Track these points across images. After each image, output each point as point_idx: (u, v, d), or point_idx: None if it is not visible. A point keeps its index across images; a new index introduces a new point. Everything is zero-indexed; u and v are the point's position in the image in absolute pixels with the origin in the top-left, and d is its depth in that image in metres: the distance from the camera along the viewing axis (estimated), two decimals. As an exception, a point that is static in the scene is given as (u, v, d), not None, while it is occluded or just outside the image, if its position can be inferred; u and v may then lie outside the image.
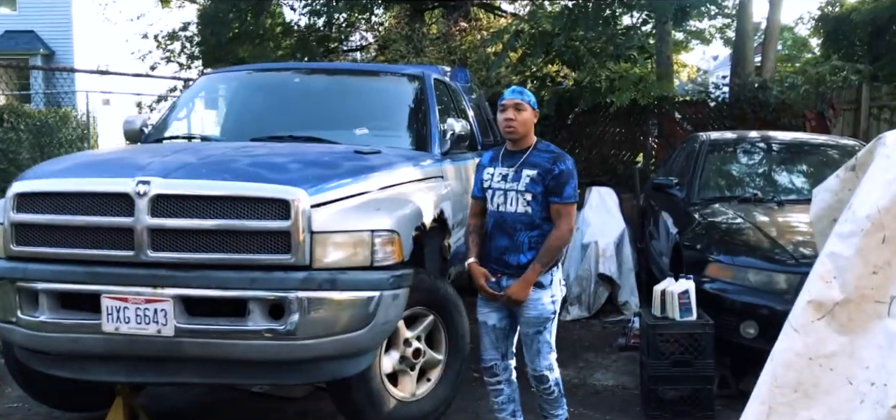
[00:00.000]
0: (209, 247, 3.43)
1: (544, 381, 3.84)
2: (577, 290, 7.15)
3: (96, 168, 3.71)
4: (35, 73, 23.57)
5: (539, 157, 3.72)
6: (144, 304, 3.40)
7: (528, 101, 3.73)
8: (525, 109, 3.71)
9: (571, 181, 3.69)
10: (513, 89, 3.82)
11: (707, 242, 5.15)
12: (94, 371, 3.60)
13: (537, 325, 3.75)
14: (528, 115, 3.74)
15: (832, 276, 2.89)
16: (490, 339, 3.87)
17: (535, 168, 3.68)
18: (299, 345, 3.44)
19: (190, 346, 3.43)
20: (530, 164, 3.70)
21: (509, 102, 3.72)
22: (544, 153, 3.74)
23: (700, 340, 4.49)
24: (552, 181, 3.65)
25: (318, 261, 3.47)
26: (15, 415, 4.67)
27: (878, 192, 2.85)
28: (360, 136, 4.90)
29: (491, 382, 3.93)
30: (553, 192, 3.66)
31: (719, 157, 6.65)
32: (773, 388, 2.94)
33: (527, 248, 3.69)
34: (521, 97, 3.72)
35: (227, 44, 15.16)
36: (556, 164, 3.67)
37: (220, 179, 3.48)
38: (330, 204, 3.56)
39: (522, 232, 3.69)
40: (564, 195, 3.67)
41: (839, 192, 3.25)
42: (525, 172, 3.69)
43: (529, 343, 3.80)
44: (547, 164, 3.68)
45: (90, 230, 3.49)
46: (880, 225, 2.80)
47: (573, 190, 3.70)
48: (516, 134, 3.73)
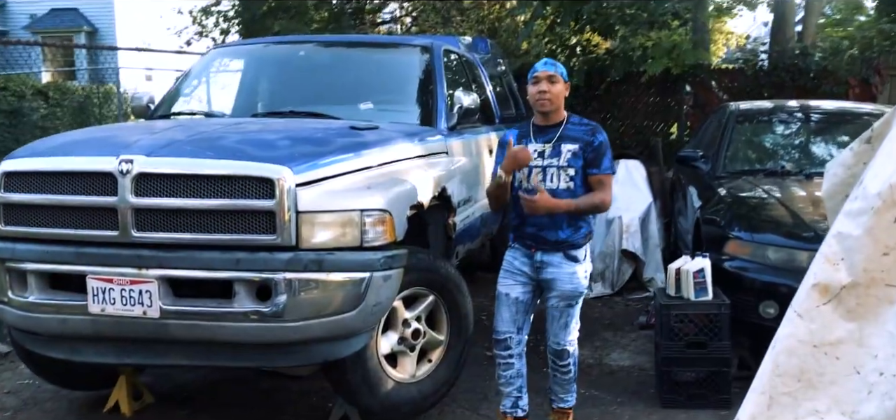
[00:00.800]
0: (194, 227, 3.35)
1: (565, 356, 3.81)
2: (600, 266, 6.95)
3: (82, 146, 3.65)
4: (79, 51, 23.97)
5: (576, 131, 3.67)
6: (129, 285, 3.34)
7: (560, 74, 3.68)
8: (558, 82, 3.64)
9: (609, 152, 3.69)
10: (545, 61, 3.73)
11: (727, 218, 4.92)
12: (84, 352, 3.56)
13: (570, 299, 3.72)
14: (561, 88, 3.68)
15: (839, 257, 2.68)
16: (510, 313, 3.79)
17: (575, 142, 3.63)
18: (286, 327, 3.35)
19: (176, 327, 3.37)
20: (569, 137, 3.65)
21: (542, 74, 3.63)
22: (580, 126, 3.70)
23: (715, 321, 4.28)
24: (592, 153, 3.62)
25: (306, 241, 3.37)
26: (25, 391, 4.70)
27: (892, 166, 2.62)
28: (364, 111, 4.78)
29: (502, 355, 3.84)
30: (592, 163, 3.62)
31: (748, 129, 6.37)
32: (774, 377, 2.75)
33: (566, 224, 3.65)
34: (555, 69, 3.66)
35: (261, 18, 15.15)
36: (595, 136, 3.64)
37: (205, 157, 3.38)
38: (317, 182, 3.44)
39: (565, 220, 3.64)
40: (603, 166, 3.64)
41: (853, 166, 3.02)
42: (565, 147, 3.63)
43: (557, 316, 3.76)
44: (586, 137, 3.63)
45: (76, 210, 3.43)
46: (893, 202, 2.58)
47: (610, 161, 3.69)
48: (550, 107, 3.66)
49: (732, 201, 5.13)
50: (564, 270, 3.68)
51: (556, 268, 3.69)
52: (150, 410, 4.39)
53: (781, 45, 10.61)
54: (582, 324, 5.57)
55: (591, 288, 6.91)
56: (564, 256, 3.68)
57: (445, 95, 4.91)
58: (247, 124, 4.10)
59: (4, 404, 4.52)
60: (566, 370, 3.86)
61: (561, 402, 4.01)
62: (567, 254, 3.69)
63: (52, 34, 26.87)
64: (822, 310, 2.70)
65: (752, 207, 5.04)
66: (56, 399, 4.54)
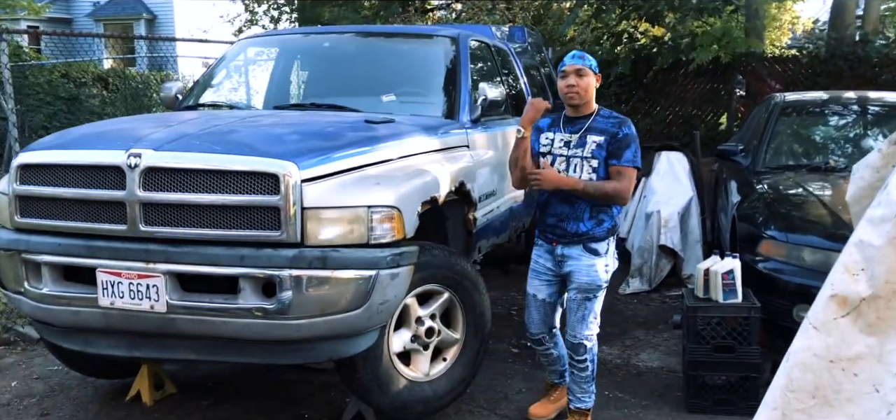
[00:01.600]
0: (201, 222, 3.33)
1: (581, 350, 3.78)
2: (638, 261, 6.78)
3: (95, 140, 3.66)
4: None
5: (603, 123, 3.65)
6: (137, 279, 3.35)
7: (589, 66, 3.67)
8: (587, 75, 3.64)
9: (632, 145, 3.61)
10: (573, 54, 3.71)
11: (762, 216, 4.72)
12: (96, 344, 3.59)
13: (587, 292, 3.70)
14: (590, 81, 3.66)
15: (859, 267, 2.51)
16: (539, 314, 3.88)
17: (601, 133, 3.62)
18: (290, 324, 3.31)
19: (182, 322, 3.36)
20: (595, 129, 3.64)
21: (570, 68, 3.65)
22: (608, 119, 3.68)
23: (744, 325, 4.11)
24: (615, 144, 3.60)
25: (311, 238, 3.32)
26: (54, 378, 4.78)
27: (918, 172, 2.44)
28: (386, 103, 4.71)
29: (540, 350, 4.02)
30: (613, 154, 3.60)
31: (794, 121, 6.11)
32: (787, 392, 2.59)
33: (587, 217, 3.66)
34: (583, 62, 3.66)
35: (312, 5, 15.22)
36: (620, 128, 3.62)
37: (212, 152, 3.35)
38: (324, 178, 3.39)
39: (582, 201, 3.63)
40: (624, 158, 3.59)
41: (882, 168, 2.83)
42: (591, 138, 3.63)
43: (575, 308, 3.74)
44: (612, 129, 3.62)
45: (87, 203, 3.44)
46: (916, 210, 2.40)
47: (633, 154, 3.61)
48: (578, 100, 3.67)
49: (769, 198, 4.93)
50: (583, 263, 3.67)
51: (576, 260, 3.69)
52: (172, 400, 4.42)
53: (840, 31, 10.20)
54: (614, 321, 5.49)
55: (628, 283, 6.76)
56: (584, 249, 3.68)
57: (469, 87, 4.80)
58: (261, 118, 4.06)
59: (33, 390, 4.61)
60: (582, 366, 3.82)
61: (578, 401, 3.93)
62: (587, 246, 3.69)
63: (113, 21, 27.60)
64: (840, 323, 2.54)
65: (789, 205, 4.82)
66: (82, 386, 4.61)
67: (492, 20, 11.39)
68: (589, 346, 3.79)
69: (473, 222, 4.44)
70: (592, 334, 3.80)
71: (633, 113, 10.48)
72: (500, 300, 6.36)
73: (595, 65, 3.70)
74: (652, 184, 7.24)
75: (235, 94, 5.03)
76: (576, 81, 3.62)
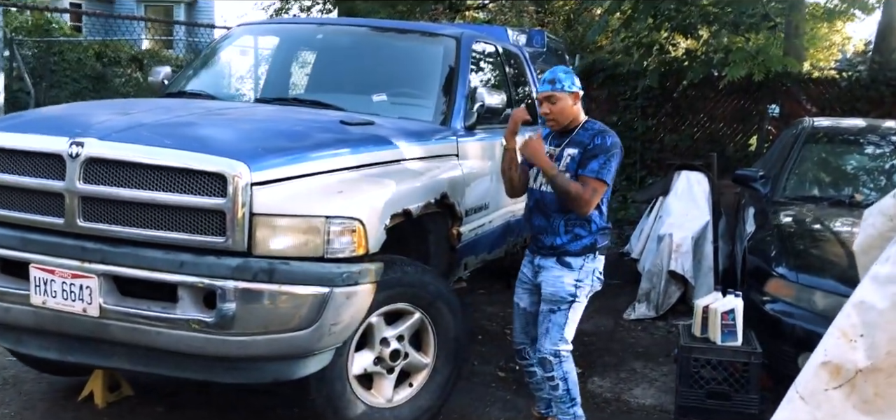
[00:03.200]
0: (142, 221, 3.05)
1: (547, 366, 3.61)
2: (646, 286, 6.39)
3: (44, 124, 3.40)
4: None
5: (582, 135, 3.58)
6: (71, 278, 3.08)
7: (561, 89, 3.56)
8: (560, 99, 3.56)
9: (601, 157, 3.46)
10: (544, 79, 3.62)
11: (772, 251, 4.33)
12: (28, 344, 3.33)
13: (551, 303, 3.58)
14: (565, 103, 3.58)
15: (858, 333, 2.15)
16: (520, 323, 3.82)
17: (576, 146, 3.55)
18: (231, 340, 3.01)
19: (116, 329, 3.08)
20: (573, 142, 3.58)
21: (541, 97, 3.62)
22: (588, 131, 3.59)
23: (743, 371, 3.74)
24: (584, 155, 3.50)
25: (260, 247, 3.02)
26: (11, 369, 4.54)
27: (932, 228, 2.07)
28: (376, 103, 4.40)
29: (523, 364, 3.90)
30: (581, 164, 3.50)
31: (821, 149, 5.69)
32: (765, 471, 2.25)
33: (563, 231, 3.56)
34: (553, 88, 3.56)
35: (346, 0, 14.99)
36: (593, 140, 3.52)
37: (160, 145, 3.07)
38: (280, 182, 3.09)
39: (557, 214, 3.55)
40: (588, 168, 3.46)
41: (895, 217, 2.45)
42: (567, 152, 3.57)
43: (541, 320, 3.64)
44: (586, 140, 3.54)
45: (25, 192, 3.19)
46: (929, 273, 2.04)
47: (599, 166, 3.45)
48: (556, 125, 3.64)
49: (783, 232, 4.52)
50: (552, 274, 3.57)
51: (547, 271, 3.61)
52: (126, 404, 4.16)
53: (885, 55, 9.66)
54: (612, 349, 5.16)
55: (634, 308, 6.39)
56: (557, 261, 3.57)
57: (466, 92, 4.48)
58: (231, 112, 3.78)
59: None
60: (553, 383, 3.65)
61: None
62: (560, 260, 3.56)
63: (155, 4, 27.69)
64: (831, 395, 2.18)
65: (804, 242, 4.42)
66: (36, 381, 4.37)
67: (520, 23, 11.04)
68: (555, 363, 3.59)
69: (458, 237, 4.13)
70: (560, 350, 3.59)
71: (660, 128, 10.07)
72: (496, 316, 6.04)
73: (570, 83, 3.58)
74: (668, 204, 6.84)
75: (223, 83, 4.75)
76: (549, 109, 3.58)
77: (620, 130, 10.06)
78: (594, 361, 5.25)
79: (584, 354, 5.39)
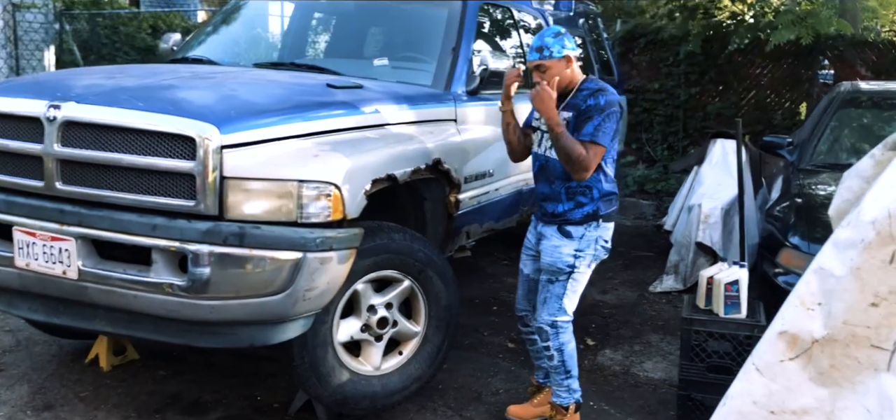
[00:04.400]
0: (117, 185, 3.06)
1: (544, 336, 3.54)
2: (675, 258, 6.21)
3: (27, 88, 3.43)
4: (231, -6, 24.86)
5: (577, 98, 3.43)
6: (50, 241, 3.11)
7: (548, 57, 3.38)
8: (549, 67, 3.39)
9: (596, 117, 3.30)
10: (530, 50, 3.44)
11: (787, 221, 4.12)
12: (18, 307, 3.38)
13: (549, 273, 3.50)
14: (556, 69, 3.39)
15: (816, 301, 2.00)
16: (523, 290, 3.76)
17: (571, 109, 3.42)
18: (202, 304, 2.99)
19: (94, 291, 3.09)
20: (569, 105, 3.44)
21: (530, 66, 3.46)
22: (583, 91, 3.44)
23: (746, 344, 3.56)
24: (579, 118, 3.36)
25: (232, 211, 2.99)
26: (24, 331, 4.66)
27: (895, 190, 1.91)
28: (377, 67, 4.33)
29: (523, 331, 3.83)
30: (577, 128, 3.35)
31: (857, 113, 5.38)
32: (719, 445, 2.13)
33: (564, 197, 3.46)
34: (540, 56, 3.40)
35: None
36: (587, 100, 3.37)
37: (133, 108, 3.07)
38: (252, 145, 3.05)
39: (559, 181, 3.45)
40: (583, 131, 3.31)
41: (873, 178, 2.27)
42: (564, 115, 3.41)
43: (540, 290, 3.57)
44: (581, 103, 3.39)
45: (8, 155, 3.23)
46: (889, 237, 1.87)
47: (594, 128, 3.29)
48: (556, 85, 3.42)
49: (801, 201, 4.29)
50: (551, 243, 3.49)
51: (548, 240, 3.52)
52: (130, 367, 4.24)
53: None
54: (631, 322, 5.03)
55: (662, 280, 6.21)
56: (558, 230, 3.49)
57: (469, 56, 4.37)
58: (218, 76, 3.74)
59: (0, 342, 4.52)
60: (549, 354, 3.56)
61: (555, 395, 3.67)
62: (561, 228, 3.47)
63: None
64: (787, 367, 2.04)
65: (822, 212, 4.18)
66: (47, 344, 4.49)
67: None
68: (551, 333, 3.51)
69: (456, 205, 4.05)
70: (557, 321, 3.50)
71: (704, 96, 9.73)
72: (512, 287, 5.94)
73: (558, 48, 3.37)
74: (702, 173, 6.62)
75: (229, 48, 4.73)
76: (540, 78, 3.39)
77: (662, 99, 9.82)
78: (610, 334, 5.12)
79: (601, 327, 5.27)
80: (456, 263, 5.11)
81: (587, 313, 5.50)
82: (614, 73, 7.43)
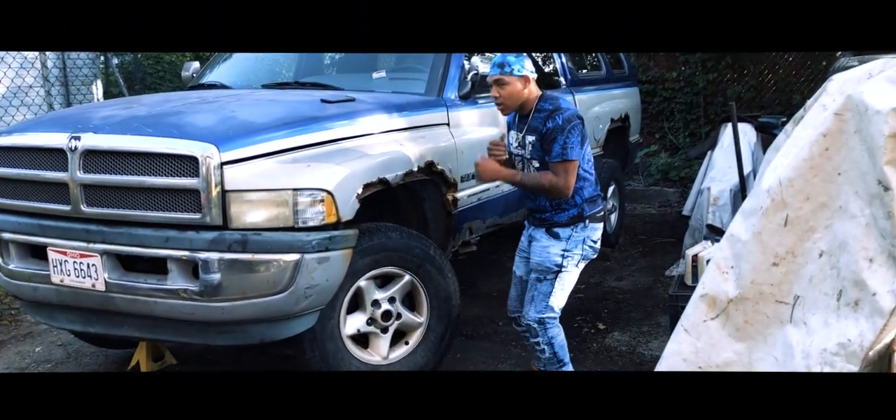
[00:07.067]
0: (134, 203, 3.42)
1: (533, 333, 3.72)
2: (688, 241, 6.35)
3: (51, 123, 3.82)
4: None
5: (537, 120, 3.59)
6: (79, 258, 3.49)
7: (509, 74, 3.55)
8: (508, 83, 3.56)
9: (559, 138, 3.46)
10: (492, 65, 3.62)
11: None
12: (58, 319, 3.78)
13: (537, 272, 3.68)
14: (514, 87, 3.57)
15: (729, 265, 2.23)
16: (516, 290, 3.93)
17: (534, 133, 3.58)
18: (213, 306, 3.34)
19: (120, 301, 3.47)
20: (531, 128, 3.61)
21: (490, 80, 3.62)
22: (541, 113, 3.59)
23: (729, 317, 3.75)
24: (543, 142, 3.53)
25: (235, 221, 3.33)
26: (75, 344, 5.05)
27: (787, 160, 2.12)
28: (376, 80, 4.63)
29: (518, 330, 3.99)
30: (545, 151, 3.53)
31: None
32: (655, 400, 2.35)
33: (550, 208, 3.66)
34: (501, 71, 3.57)
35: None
36: (545, 124, 3.52)
37: (143, 134, 3.43)
38: (249, 160, 3.38)
39: (543, 197, 3.64)
40: (552, 154, 3.49)
41: (789, 151, 2.48)
42: (528, 139, 3.61)
43: (529, 288, 3.75)
44: (541, 126, 3.54)
45: (39, 184, 3.61)
46: (782, 202, 2.09)
47: (561, 148, 3.47)
48: (505, 110, 3.69)
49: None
50: (541, 243, 3.67)
51: (537, 242, 3.71)
52: (168, 371, 4.61)
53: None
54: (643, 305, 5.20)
55: (678, 264, 6.37)
56: (546, 231, 3.67)
57: (461, 63, 4.65)
58: (224, 99, 4.08)
59: (51, 355, 4.94)
60: (539, 348, 3.74)
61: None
62: (549, 230, 3.66)
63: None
64: (710, 326, 2.27)
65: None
66: (96, 355, 4.89)
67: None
68: (539, 330, 3.69)
69: (454, 203, 4.32)
70: (545, 318, 3.68)
71: (722, 81, 9.80)
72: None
73: (519, 67, 3.54)
74: (714, 158, 6.76)
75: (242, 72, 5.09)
76: (497, 93, 3.59)
77: (681, 86, 9.91)
78: (621, 317, 5.32)
79: (613, 311, 5.47)
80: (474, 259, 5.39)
81: (601, 299, 5.72)
82: (624, 65, 7.63)
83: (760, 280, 2.12)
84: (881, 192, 1.89)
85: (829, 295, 1.96)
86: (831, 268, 1.95)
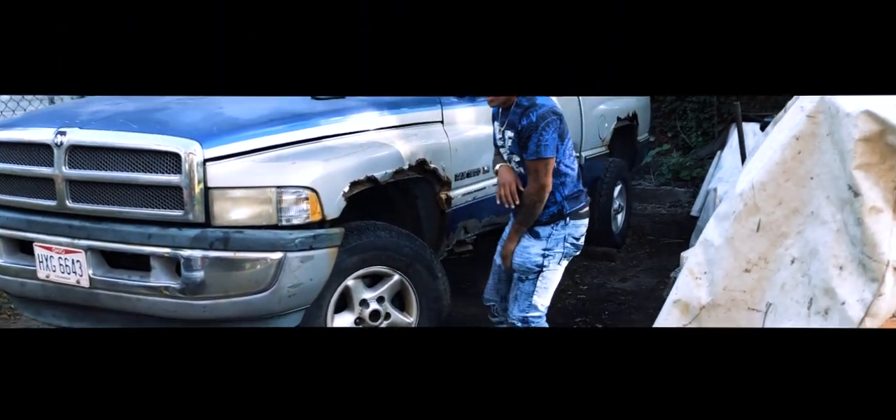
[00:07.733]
0: (118, 200, 3.40)
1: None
2: (695, 239, 6.27)
3: (40, 118, 3.81)
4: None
5: (514, 115, 3.51)
6: (64, 254, 3.48)
7: None
8: None
9: (534, 135, 3.38)
10: None
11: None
12: (45, 314, 3.77)
13: (519, 272, 3.63)
14: None
15: (703, 270, 2.17)
16: (493, 280, 3.88)
17: (512, 128, 3.51)
18: (196, 304, 3.31)
19: (104, 297, 3.45)
20: (509, 123, 3.53)
21: None
22: (518, 109, 3.50)
23: (723, 321, 3.68)
24: (520, 139, 3.46)
25: (218, 218, 3.30)
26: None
27: (760, 163, 2.05)
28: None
29: (492, 321, 3.96)
30: (521, 149, 3.46)
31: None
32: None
33: None
34: None
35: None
36: (521, 120, 3.44)
37: (128, 130, 3.41)
38: (233, 157, 3.34)
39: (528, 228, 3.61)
40: (528, 150, 3.41)
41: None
42: (507, 134, 3.55)
43: (512, 287, 3.71)
44: (517, 122, 3.47)
45: (26, 179, 3.61)
46: (754, 207, 2.02)
47: (535, 145, 3.39)
48: (492, 102, 3.60)
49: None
50: (522, 243, 3.62)
51: (520, 241, 3.65)
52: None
53: None
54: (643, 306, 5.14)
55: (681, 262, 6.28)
56: (528, 230, 3.61)
57: (459, 59, 4.59)
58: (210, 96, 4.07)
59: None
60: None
61: None
62: (531, 229, 3.60)
63: None
64: (682, 333, 2.20)
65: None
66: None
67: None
68: (522, 329, 3.63)
69: (447, 202, 4.27)
70: (528, 317, 3.62)
71: (738, 79, 9.64)
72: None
73: None
74: (723, 158, 6.68)
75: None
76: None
77: (695, 85, 9.75)
78: (621, 319, 5.24)
79: (614, 313, 5.39)
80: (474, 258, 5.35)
81: (603, 300, 5.64)
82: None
83: (733, 286, 2.06)
84: (851, 198, 1.81)
85: (801, 303, 1.88)
86: (803, 275, 1.88)
